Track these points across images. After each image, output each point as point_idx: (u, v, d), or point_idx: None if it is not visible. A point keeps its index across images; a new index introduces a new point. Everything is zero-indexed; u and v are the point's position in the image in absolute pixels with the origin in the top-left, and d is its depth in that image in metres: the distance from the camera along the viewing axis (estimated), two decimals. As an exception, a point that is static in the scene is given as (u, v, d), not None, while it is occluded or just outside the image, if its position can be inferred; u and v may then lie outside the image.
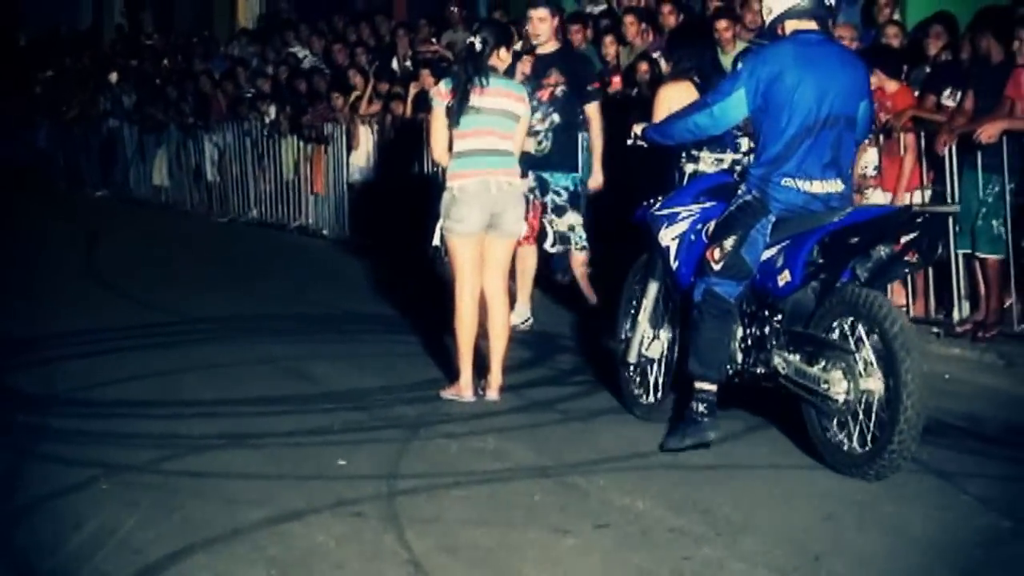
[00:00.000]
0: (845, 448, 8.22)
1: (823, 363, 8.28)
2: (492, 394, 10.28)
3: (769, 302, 8.75)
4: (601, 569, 7.12)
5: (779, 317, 8.70)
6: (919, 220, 8.48)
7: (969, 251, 12.06)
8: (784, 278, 8.46)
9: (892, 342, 7.89)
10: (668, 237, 9.23)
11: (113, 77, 26.16)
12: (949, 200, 11.96)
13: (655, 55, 14.22)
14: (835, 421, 8.26)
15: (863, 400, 8.09)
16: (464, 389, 10.25)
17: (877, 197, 12.44)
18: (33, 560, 7.34)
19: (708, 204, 9.15)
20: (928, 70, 12.70)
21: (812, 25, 8.65)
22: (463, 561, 7.22)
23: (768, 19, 8.83)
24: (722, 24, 14.46)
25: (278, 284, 15.89)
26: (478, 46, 10.47)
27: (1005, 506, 7.98)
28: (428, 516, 7.89)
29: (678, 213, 9.27)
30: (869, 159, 12.49)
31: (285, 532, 7.68)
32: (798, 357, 8.45)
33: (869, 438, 8.07)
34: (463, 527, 7.72)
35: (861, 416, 8.10)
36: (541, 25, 12.86)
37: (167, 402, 10.49)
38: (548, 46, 13.18)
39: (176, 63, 25.36)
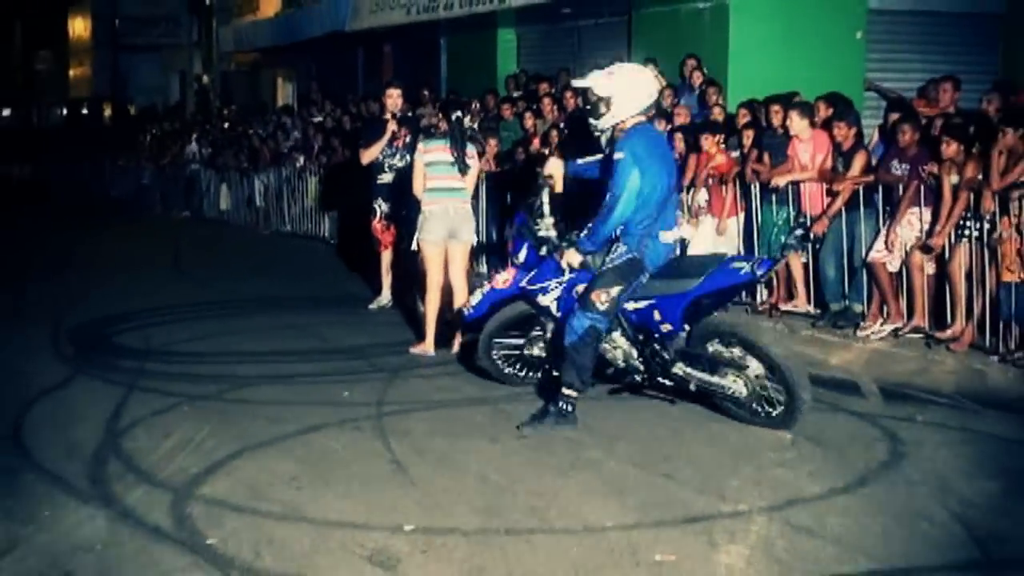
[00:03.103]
0: (763, 414, 7.90)
1: (719, 373, 7.98)
2: (455, 348, 10.23)
3: (655, 336, 8.26)
4: (520, 465, 7.16)
5: (667, 343, 8.25)
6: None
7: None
8: (667, 327, 8.10)
9: (754, 341, 7.80)
10: (547, 300, 8.40)
11: (194, 136, 26.09)
12: (756, 219, 12.03)
13: (561, 125, 14.19)
14: (747, 404, 7.94)
15: (758, 384, 7.85)
16: (428, 347, 10.22)
17: (707, 220, 12.46)
18: (137, 459, 7.31)
19: (573, 274, 8.21)
20: (740, 137, 12.73)
21: (643, 119, 8.11)
22: (428, 460, 7.25)
23: (615, 120, 7.98)
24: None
25: (302, 275, 15.79)
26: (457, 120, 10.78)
27: (796, 425, 8.02)
28: (404, 430, 7.92)
29: (549, 284, 8.34)
30: (701, 196, 12.51)
31: (307, 440, 7.70)
32: (695, 370, 8.09)
33: (775, 402, 7.81)
34: (428, 437, 7.76)
35: (761, 392, 7.85)
36: (398, 99, 12.80)
37: (226, 353, 10.47)
38: (399, 112, 12.95)
39: (236, 127, 25.20)
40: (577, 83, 8.95)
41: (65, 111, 45.51)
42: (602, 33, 18.76)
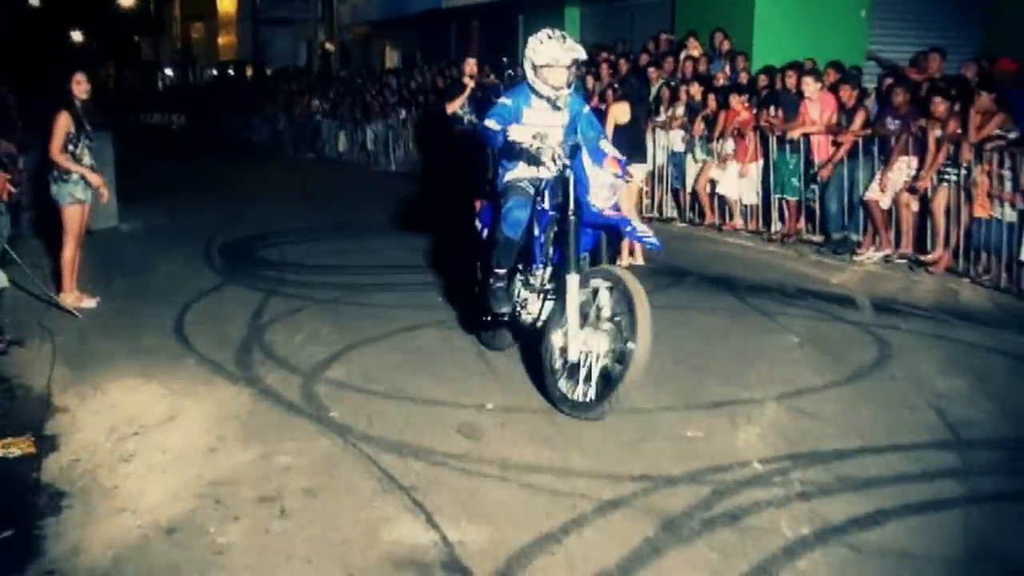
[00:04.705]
0: None
1: None
2: None
3: None
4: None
5: None
6: None
7: (780, 195, 12.02)
8: None
9: None
10: None
11: (316, 94, 26.12)
12: (772, 164, 11.93)
13: (615, 85, 14.04)
14: None
15: None
16: None
17: (733, 165, 12.37)
18: (275, 349, 7.42)
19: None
20: (761, 97, 12.58)
21: None
22: (506, 353, 7.28)
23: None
24: (652, 70, 14.35)
25: (403, 204, 15.78)
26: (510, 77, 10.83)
27: (796, 328, 8.01)
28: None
29: None
30: (729, 145, 12.41)
31: (409, 336, 7.77)
32: None
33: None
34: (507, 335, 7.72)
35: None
36: (473, 67, 13.53)
37: (345, 266, 10.50)
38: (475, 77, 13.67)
39: (352, 85, 25.16)
40: (582, 54, 6.51)
41: (215, 72, 45.66)
42: (651, 10, 18.54)
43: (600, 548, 4.41)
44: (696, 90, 13.20)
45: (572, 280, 6.03)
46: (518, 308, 6.72)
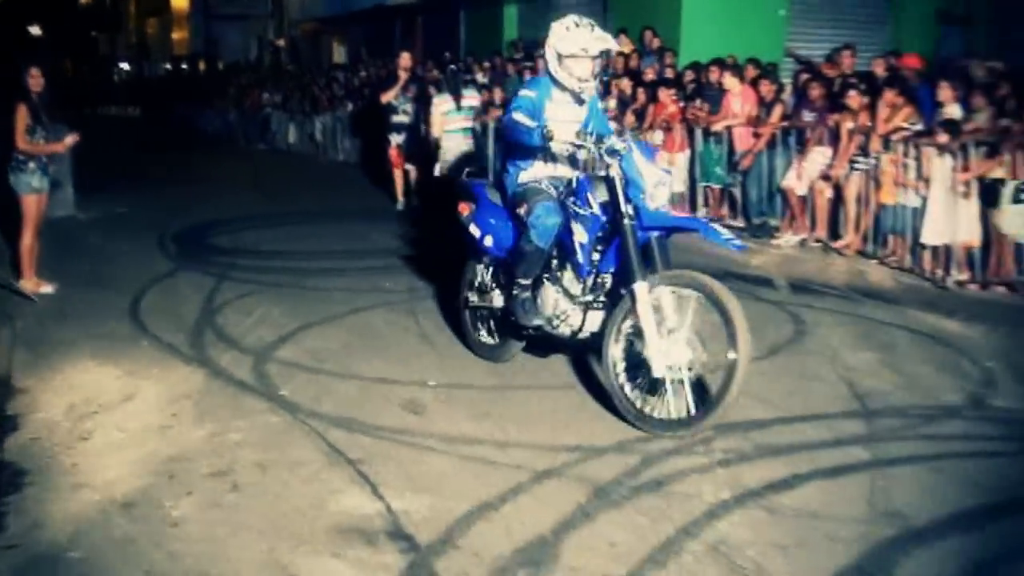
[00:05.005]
0: None
1: None
2: None
3: None
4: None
5: None
6: None
7: (705, 183, 12.13)
8: None
9: None
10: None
11: (267, 87, 25.80)
12: (698, 154, 12.03)
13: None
14: None
15: None
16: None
17: (661, 156, 12.46)
18: (227, 331, 7.38)
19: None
20: (687, 91, 12.67)
21: None
22: (448, 334, 7.28)
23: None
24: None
25: (350, 192, 15.71)
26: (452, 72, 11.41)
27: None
28: (430, 310, 7.94)
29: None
30: (657, 136, 12.48)
31: (359, 317, 7.77)
32: None
33: None
34: (448, 316, 7.70)
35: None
36: (407, 60, 13.73)
37: (297, 252, 10.44)
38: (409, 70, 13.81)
39: (301, 79, 24.90)
40: (613, 44, 5.95)
41: (168, 66, 45.01)
42: (585, 8, 18.51)
43: (536, 514, 4.46)
44: (626, 84, 13.25)
45: (642, 288, 5.34)
46: (554, 320, 5.95)
